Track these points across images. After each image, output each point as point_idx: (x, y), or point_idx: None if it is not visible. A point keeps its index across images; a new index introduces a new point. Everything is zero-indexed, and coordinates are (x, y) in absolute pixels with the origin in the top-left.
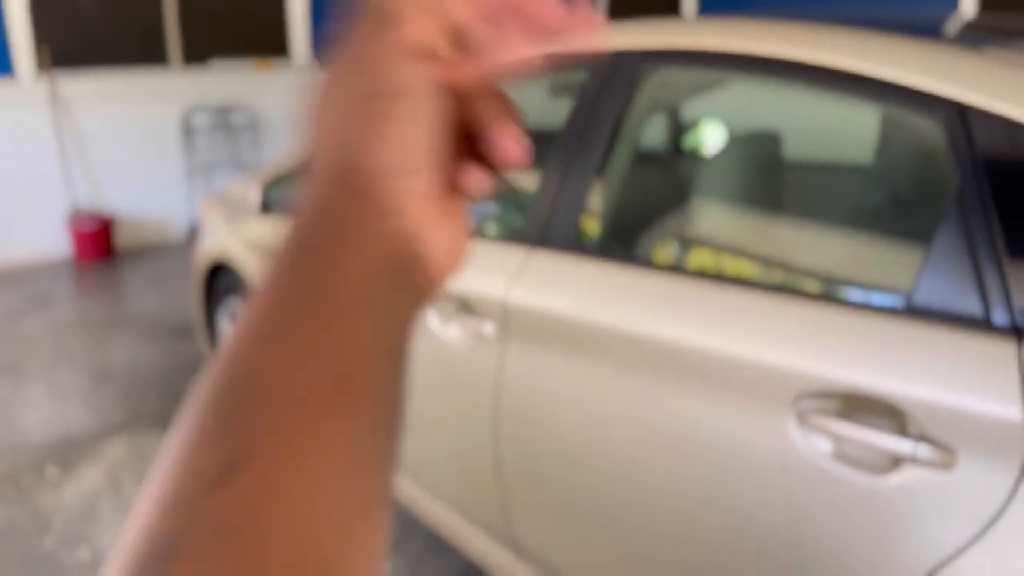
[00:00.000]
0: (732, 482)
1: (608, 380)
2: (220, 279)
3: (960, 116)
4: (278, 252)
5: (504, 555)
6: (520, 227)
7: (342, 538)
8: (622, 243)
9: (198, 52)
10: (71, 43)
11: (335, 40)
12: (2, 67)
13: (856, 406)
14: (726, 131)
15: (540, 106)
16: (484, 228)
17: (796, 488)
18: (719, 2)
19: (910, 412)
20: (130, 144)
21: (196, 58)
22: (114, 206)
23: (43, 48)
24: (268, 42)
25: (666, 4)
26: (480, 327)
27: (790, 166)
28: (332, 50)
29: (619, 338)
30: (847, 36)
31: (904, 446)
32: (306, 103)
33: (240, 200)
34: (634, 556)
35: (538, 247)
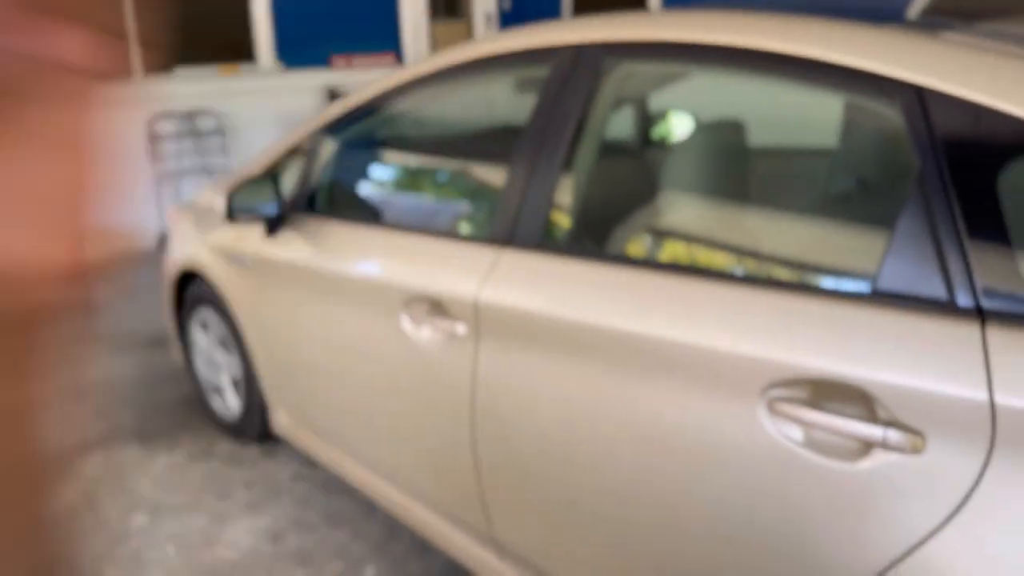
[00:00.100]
0: (707, 473)
1: (583, 376)
2: (191, 288)
3: (919, 100)
4: None
5: (486, 555)
6: (489, 225)
7: None
8: (592, 238)
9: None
10: None
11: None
12: None
13: (825, 393)
14: (693, 122)
15: (506, 102)
16: (454, 227)
17: (769, 476)
18: None
19: (879, 397)
20: None
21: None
22: None
23: None
24: (233, 47)
25: None
26: (452, 328)
27: (756, 155)
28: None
29: (592, 334)
30: (808, 24)
31: (874, 431)
32: None
33: (208, 207)
34: (614, 550)
35: (508, 245)
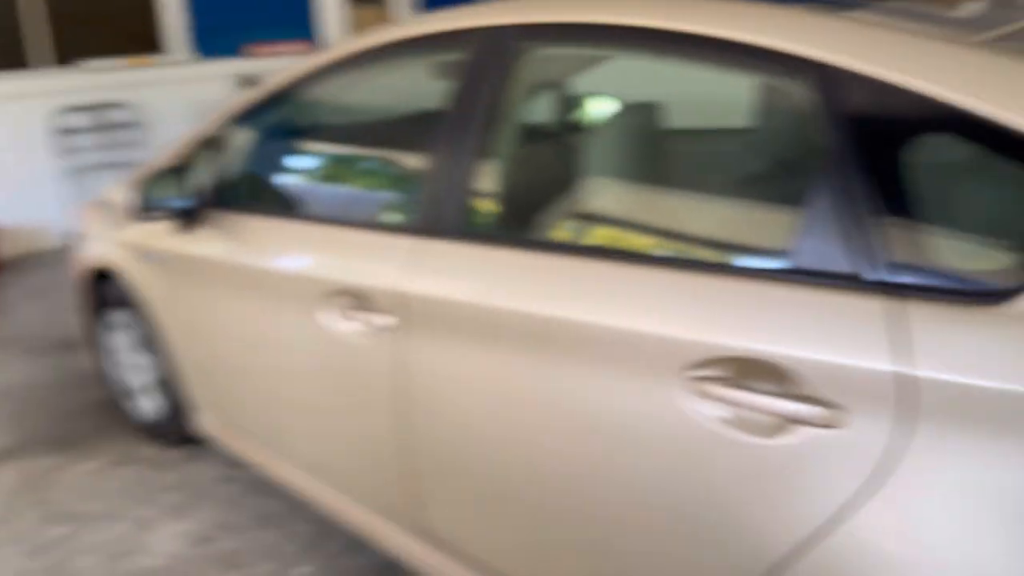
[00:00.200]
0: (633, 455)
1: (508, 364)
2: (105, 288)
3: (826, 78)
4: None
5: (421, 548)
6: (410, 215)
7: None
8: (516, 224)
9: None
10: None
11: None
12: None
13: (745, 371)
14: (611, 105)
15: (424, 88)
16: (374, 218)
17: (694, 456)
18: None
19: (796, 373)
20: None
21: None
22: None
23: None
24: (143, 38)
25: None
26: (376, 320)
27: (673, 137)
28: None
29: (516, 321)
30: (719, 5)
31: (792, 407)
32: None
33: (119, 203)
34: (545, 535)
35: (430, 234)
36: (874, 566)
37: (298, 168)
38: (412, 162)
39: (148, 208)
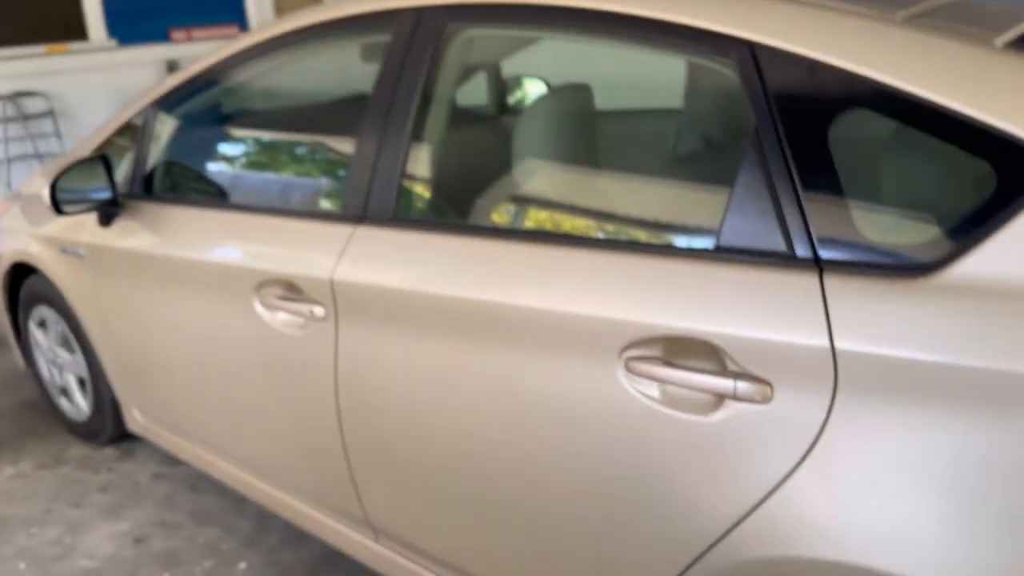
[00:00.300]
0: (572, 437)
1: (445, 350)
2: (26, 284)
3: (752, 56)
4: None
5: (362, 539)
6: (341, 201)
7: None
8: (449, 209)
9: None
10: None
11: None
12: None
13: (678, 350)
14: (543, 87)
15: (353, 70)
16: (305, 205)
17: (631, 435)
18: None
19: (727, 350)
20: None
21: None
22: None
23: None
24: (63, 25)
25: None
26: (309, 310)
27: (607, 118)
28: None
29: (450, 307)
30: None
31: (724, 384)
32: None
33: (36, 195)
34: (486, 522)
35: (361, 221)
36: (805, 532)
37: (223, 155)
38: (342, 148)
39: (66, 200)
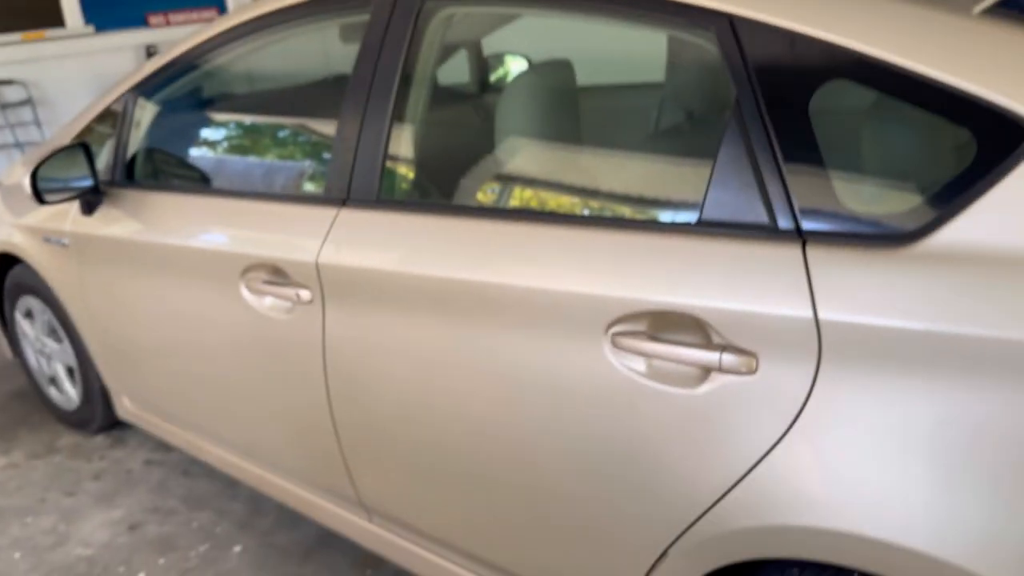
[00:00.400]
0: (560, 414)
1: (431, 331)
2: (11, 274)
3: (731, 29)
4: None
5: (356, 519)
6: (325, 184)
7: None
8: (432, 190)
9: None
10: None
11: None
12: None
13: (663, 324)
14: (524, 64)
15: (334, 51)
16: (288, 189)
17: (618, 410)
18: None
19: (712, 323)
20: None
21: None
22: None
23: None
24: (38, 11)
25: None
26: (296, 294)
27: (587, 94)
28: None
29: (436, 287)
30: None
31: (710, 356)
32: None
33: (17, 185)
34: (478, 499)
35: (345, 203)
36: (793, 501)
37: (205, 140)
38: (324, 130)
39: (47, 190)
